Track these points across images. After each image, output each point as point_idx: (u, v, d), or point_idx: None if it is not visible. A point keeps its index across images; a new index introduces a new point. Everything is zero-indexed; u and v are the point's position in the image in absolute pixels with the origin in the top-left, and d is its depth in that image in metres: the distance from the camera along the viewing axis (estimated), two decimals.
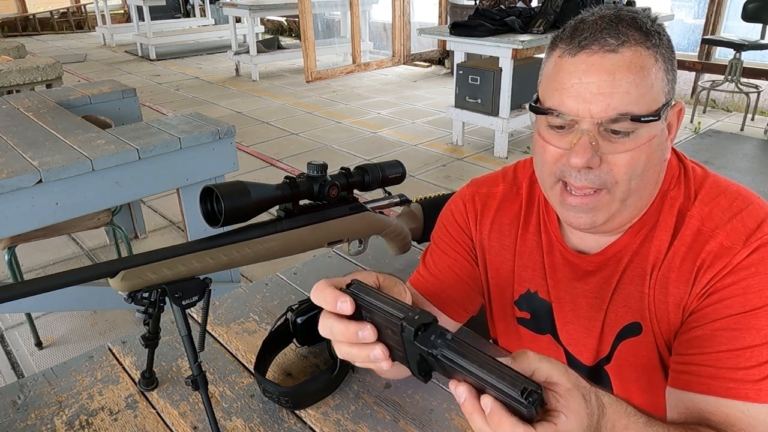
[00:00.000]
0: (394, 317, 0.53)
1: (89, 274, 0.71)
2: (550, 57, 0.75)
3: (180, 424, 0.87)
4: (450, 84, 5.31)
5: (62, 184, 1.79)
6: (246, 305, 1.15)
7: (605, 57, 0.68)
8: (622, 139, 0.70)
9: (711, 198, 0.77)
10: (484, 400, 0.48)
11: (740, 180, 3.53)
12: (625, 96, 0.68)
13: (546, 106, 0.73)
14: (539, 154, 0.77)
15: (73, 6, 11.69)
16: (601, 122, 0.69)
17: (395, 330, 0.53)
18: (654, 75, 0.70)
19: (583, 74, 0.69)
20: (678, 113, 0.76)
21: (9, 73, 3.86)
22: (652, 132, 0.71)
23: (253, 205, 0.77)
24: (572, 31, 0.71)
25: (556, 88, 0.72)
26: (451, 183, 3.93)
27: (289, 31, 10.06)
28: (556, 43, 0.74)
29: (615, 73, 0.68)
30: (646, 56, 0.69)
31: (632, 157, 0.70)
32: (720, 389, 0.70)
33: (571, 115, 0.70)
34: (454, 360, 0.49)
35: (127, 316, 2.52)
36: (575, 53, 0.70)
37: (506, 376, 0.47)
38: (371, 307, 0.56)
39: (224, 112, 5.71)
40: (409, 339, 0.52)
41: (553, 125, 0.73)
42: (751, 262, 0.71)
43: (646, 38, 0.70)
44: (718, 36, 5.16)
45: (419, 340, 0.51)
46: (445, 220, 0.99)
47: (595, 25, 0.70)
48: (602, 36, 0.69)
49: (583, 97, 0.69)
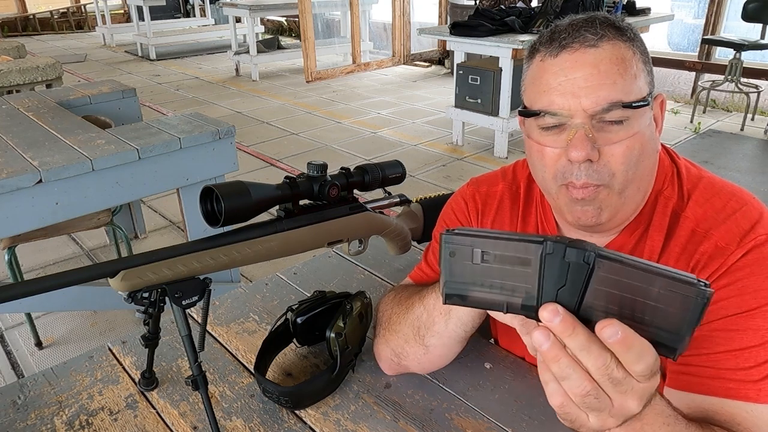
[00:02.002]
0: (535, 241, 0.46)
1: (89, 274, 0.71)
2: (530, 63, 0.76)
3: (180, 424, 0.87)
4: (450, 84, 5.32)
5: (62, 184, 1.79)
6: (246, 305, 1.15)
7: (587, 52, 0.70)
8: (616, 129, 0.71)
9: (705, 199, 0.78)
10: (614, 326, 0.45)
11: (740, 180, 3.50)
12: (612, 86, 0.69)
13: (536, 109, 0.73)
14: (537, 159, 0.77)
15: (73, 6, 11.69)
16: (594, 114, 0.70)
17: (535, 256, 0.46)
18: (635, 66, 0.71)
19: (568, 71, 0.70)
20: (660, 104, 0.78)
21: (9, 73, 3.86)
22: (642, 121, 0.72)
23: (253, 205, 0.77)
24: (551, 35, 0.74)
25: (543, 90, 0.73)
26: (451, 183, 3.93)
27: (289, 31, 10.06)
28: (536, 48, 0.76)
29: (599, 66, 0.70)
30: (624, 48, 0.71)
31: (627, 146, 0.71)
32: (721, 389, 0.70)
33: (563, 111, 0.71)
34: (614, 257, 0.44)
35: (127, 316, 2.52)
36: (557, 53, 0.72)
37: (672, 271, 0.43)
38: (493, 247, 0.47)
39: (224, 112, 5.71)
40: (556, 256, 0.45)
41: (546, 126, 0.73)
42: (746, 262, 0.72)
43: (622, 33, 0.72)
44: (718, 36, 5.15)
45: (573, 246, 0.45)
46: (447, 218, 0.99)
47: (572, 26, 0.72)
48: (581, 33, 0.71)
49: (572, 92, 0.70)
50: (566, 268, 0.46)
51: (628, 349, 0.46)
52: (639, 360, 0.47)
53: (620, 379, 0.48)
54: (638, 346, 0.46)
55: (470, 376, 0.94)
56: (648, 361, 0.47)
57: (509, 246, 0.47)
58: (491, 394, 0.91)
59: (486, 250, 0.48)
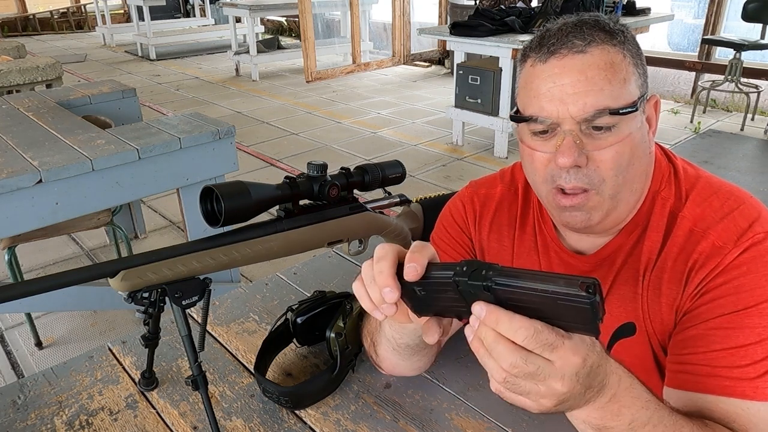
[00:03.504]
0: (445, 277, 0.56)
1: (89, 274, 0.71)
2: (522, 68, 0.77)
3: (180, 424, 0.87)
4: (450, 84, 5.32)
5: (62, 184, 1.79)
6: (246, 305, 1.15)
7: (575, 58, 0.71)
8: (605, 135, 0.71)
9: (703, 198, 0.78)
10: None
11: (740, 180, 3.50)
12: (600, 93, 0.70)
13: (526, 115, 0.75)
14: (528, 163, 0.79)
15: (73, 6, 11.69)
16: (582, 121, 0.71)
17: (452, 288, 0.56)
18: (625, 70, 0.72)
19: (556, 77, 0.71)
20: (655, 105, 0.78)
21: (9, 73, 3.86)
22: (632, 125, 0.72)
23: (253, 205, 0.77)
24: (540, 40, 0.74)
25: (533, 96, 0.74)
26: (451, 183, 3.93)
27: (289, 31, 10.07)
28: (527, 54, 0.76)
29: (587, 72, 0.70)
30: (613, 53, 0.71)
31: (617, 151, 0.72)
32: (717, 387, 0.70)
33: (552, 118, 0.72)
34: (509, 283, 0.51)
35: (127, 316, 2.52)
36: (546, 59, 0.72)
37: (560, 280, 0.48)
38: (423, 282, 0.59)
39: (224, 112, 5.71)
40: (466, 287, 0.54)
41: (536, 131, 0.75)
42: (743, 261, 0.72)
43: (611, 37, 0.72)
44: (718, 36, 5.16)
45: (472, 279, 0.53)
46: (445, 221, 0.99)
47: (560, 32, 0.72)
48: (569, 39, 0.71)
49: (560, 99, 0.71)
50: (476, 292, 0.54)
51: (497, 322, 0.51)
52: (515, 333, 0.50)
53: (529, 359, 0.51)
54: (506, 320, 0.51)
55: (470, 376, 0.94)
56: (524, 331, 0.50)
57: (431, 285, 0.59)
58: (491, 394, 0.89)
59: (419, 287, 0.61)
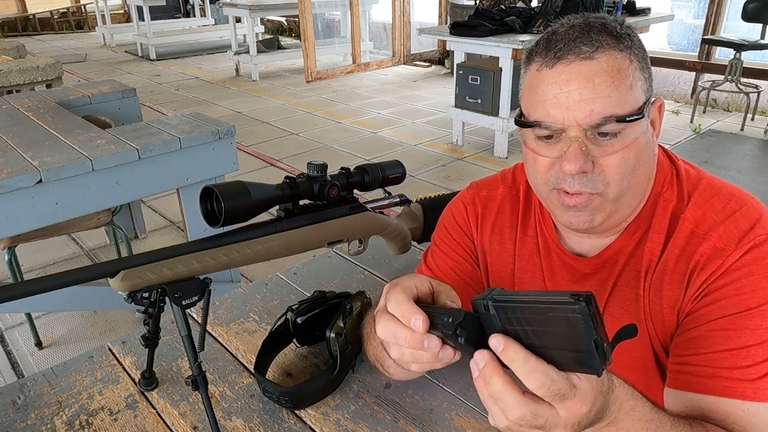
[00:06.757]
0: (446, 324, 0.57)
1: (89, 274, 0.71)
2: (527, 71, 0.77)
3: (180, 424, 0.87)
4: (450, 84, 5.32)
5: (62, 184, 1.79)
6: (246, 305, 1.15)
7: (582, 64, 0.70)
8: (611, 141, 0.71)
9: (705, 200, 0.78)
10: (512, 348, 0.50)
11: (740, 180, 3.50)
12: (606, 99, 0.69)
13: (531, 119, 0.74)
14: (531, 165, 0.78)
15: (73, 6, 11.69)
16: (588, 127, 0.70)
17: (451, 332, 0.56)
18: (631, 75, 0.71)
19: (563, 84, 0.71)
20: (659, 108, 0.78)
21: (9, 73, 3.86)
22: (638, 130, 0.72)
23: (253, 205, 0.77)
24: (546, 44, 0.73)
25: (539, 101, 0.73)
26: (451, 183, 3.93)
27: (289, 31, 10.06)
28: (532, 57, 0.75)
29: (594, 79, 0.69)
30: (620, 59, 0.71)
31: (622, 157, 0.72)
32: (717, 388, 0.70)
33: (558, 124, 0.72)
34: (507, 299, 0.51)
35: (127, 316, 2.52)
36: (552, 64, 0.72)
37: (554, 296, 0.48)
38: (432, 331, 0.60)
39: (224, 112, 5.71)
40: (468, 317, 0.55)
41: (541, 136, 0.74)
42: (744, 263, 0.72)
43: (618, 41, 0.71)
44: (718, 36, 5.16)
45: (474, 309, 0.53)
46: (446, 223, 0.99)
47: (567, 36, 0.72)
48: (576, 45, 0.71)
49: (566, 105, 0.70)
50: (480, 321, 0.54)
51: (513, 361, 0.50)
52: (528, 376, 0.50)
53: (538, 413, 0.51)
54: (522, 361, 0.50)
55: (470, 376, 0.93)
56: (540, 376, 0.49)
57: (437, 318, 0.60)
58: None
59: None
